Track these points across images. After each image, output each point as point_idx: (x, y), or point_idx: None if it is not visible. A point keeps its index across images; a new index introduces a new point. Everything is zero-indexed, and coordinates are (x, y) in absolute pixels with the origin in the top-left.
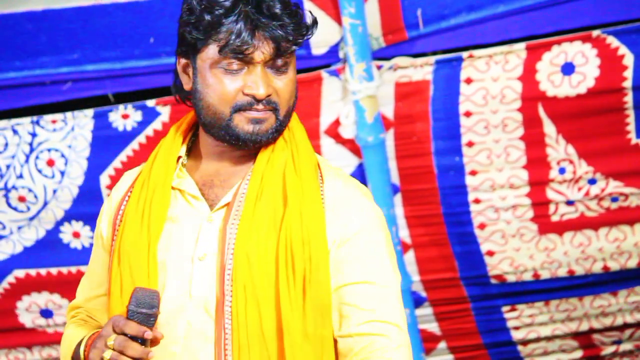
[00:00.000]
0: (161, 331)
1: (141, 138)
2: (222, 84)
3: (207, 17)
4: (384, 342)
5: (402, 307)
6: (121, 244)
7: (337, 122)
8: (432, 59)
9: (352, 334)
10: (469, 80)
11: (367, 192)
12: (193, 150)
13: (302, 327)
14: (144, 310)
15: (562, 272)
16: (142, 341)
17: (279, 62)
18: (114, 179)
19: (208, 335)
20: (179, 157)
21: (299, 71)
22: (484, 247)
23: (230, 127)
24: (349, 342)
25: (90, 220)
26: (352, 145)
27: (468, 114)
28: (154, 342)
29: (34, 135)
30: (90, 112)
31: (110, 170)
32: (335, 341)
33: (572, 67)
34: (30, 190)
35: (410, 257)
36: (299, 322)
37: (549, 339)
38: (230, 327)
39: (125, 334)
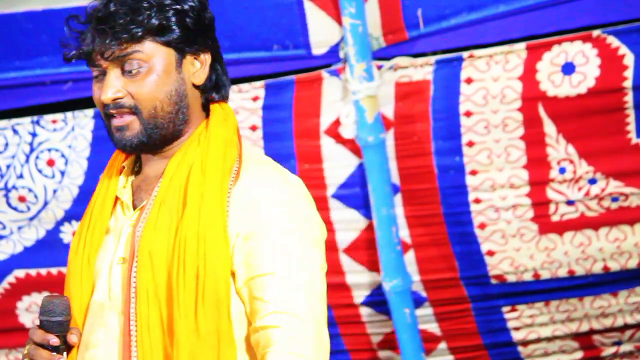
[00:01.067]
0: (87, 335)
1: None
2: (93, 91)
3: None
4: (278, 334)
5: (314, 299)
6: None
7: (337, 122)
8: (433, 59)
9: (257, 328)
10: (469, 80)
11: (290, 185)
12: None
13: (194, 323)
14: (50, 317)
15: (563, 272)
16: (55, 348)
17: (129, 63)
18: None
19: (120, 337)
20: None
21: (299, 71)
22: (484, 247)
23: (110, 135)
24: (256, 337)
25: None
26: (352, 145)
27: (468, 114)
28: (71, 347)
29: (34, 135)
30: (90, 112)
31: None
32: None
33: (573, 67)
34: (30, 190)
35: (410, 257)
36: (190, 318)
37: (549, 339)
38: (135, 329)
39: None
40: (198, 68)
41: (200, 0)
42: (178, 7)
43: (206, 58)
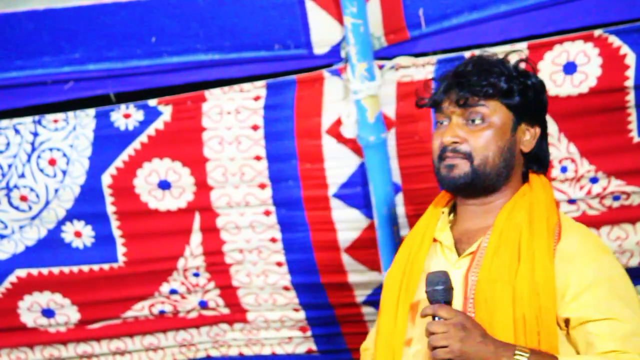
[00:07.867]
0: None
1: (143, 137)
2: (433, 138)
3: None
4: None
5: None
6: (383, 288)
7: (338, 122)
8: (434, 58)
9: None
10: None
11: (603, 247)
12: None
13: None
14: (434, 287)
15: None
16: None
17: (474, 115)
18: (116, 179)
19: None
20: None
21: (300, 70)
22: None
23: (437, 174)
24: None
25: (92, 219)
26: (353, 145)
27: None
28: None
29: (35, 134)
30: (91, 111)
31: (112, 170)
32: None
33: (574, 66)
34: (32, 190)
35: None
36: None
37: None
38: None
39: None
40: (528, 138)
41: (540, 81)
42: (523, 80)
43: (537, 131)
